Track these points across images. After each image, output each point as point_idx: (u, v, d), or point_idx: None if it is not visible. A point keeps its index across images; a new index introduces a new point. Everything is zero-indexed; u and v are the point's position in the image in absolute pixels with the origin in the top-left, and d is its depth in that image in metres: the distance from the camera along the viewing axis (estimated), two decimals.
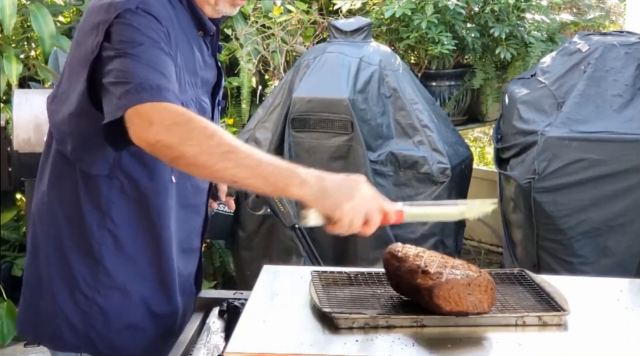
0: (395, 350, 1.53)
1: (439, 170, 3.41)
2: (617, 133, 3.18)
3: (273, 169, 1.54)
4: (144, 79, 1.59)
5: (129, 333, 1.89)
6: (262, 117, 3.70)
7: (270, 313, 1.70)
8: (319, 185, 1.55)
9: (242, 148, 1.54)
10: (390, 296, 1.76)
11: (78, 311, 1.85)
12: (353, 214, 1.58)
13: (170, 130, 1.53)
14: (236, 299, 1.87)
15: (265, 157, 1.56)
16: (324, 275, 1.86)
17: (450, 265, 1.66)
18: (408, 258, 1.71)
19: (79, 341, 1.87)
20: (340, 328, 1.59)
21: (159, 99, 1.57)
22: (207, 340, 1.72)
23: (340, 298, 1.73)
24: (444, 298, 1.60)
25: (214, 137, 1.53)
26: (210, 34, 1.92)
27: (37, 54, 4.58)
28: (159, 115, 1.55)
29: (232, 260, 4.17)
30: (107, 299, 1.85)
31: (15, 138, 3.65)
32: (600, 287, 1.93)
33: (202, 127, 1.55)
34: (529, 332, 1.63)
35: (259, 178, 1.53)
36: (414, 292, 1.66)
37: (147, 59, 1.64)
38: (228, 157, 1.53)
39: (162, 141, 1.54)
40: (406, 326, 1.61)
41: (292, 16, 4.33)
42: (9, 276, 4.25)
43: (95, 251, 1.84)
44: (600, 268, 3.14)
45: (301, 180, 1.54)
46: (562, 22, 4.31)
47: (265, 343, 1.56)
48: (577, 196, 3.19)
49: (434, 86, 4.12)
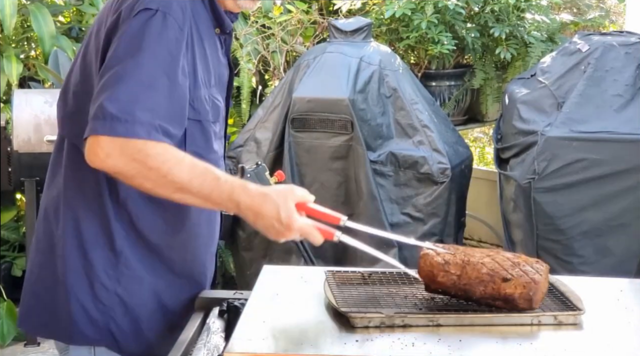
0: (395, 350, 1.53)
1: (439, 170, 3.41)
2: (617, 133, 3.18)
3: (219, 199, 1.72)
4: (123, 106, 1.65)
5: (149, 324, 1.89)
6: (262, 117, 3.70)
7: (270, 313, 1.70)
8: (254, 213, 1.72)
9: (195, 179, 1.69)
10: (405, 296, 1.76)
11: (97, 304, 1.85)
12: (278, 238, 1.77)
13: (128, 166, 1.66)
14: (236, 299, 1.87)
15: (214, 185, 1.71)
16: (338, 274, 1.85)
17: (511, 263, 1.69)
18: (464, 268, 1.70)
19: (98, 334, 1.86)
20: (357, 327, 1.59)
21: (130, 135, 1.64)
22: (207, 340, 1.71)
23: (355, 297, 1.72)
24: (536, 301, 1.67)
25: (171, 174, 1.67)
26: (227, 31, 1.92)
27: (37, 54, 4.58)
28: (120, 150, 1.65)
29: (232, 260, 4.17)
30: (128, 290, 1.86)
31: (15, 139, 3.65)
32: (600, 287, 1.93)
33: (157, 166, 1.66)
34: (545, 331, 1.63)
35: (210, 205, 1.77)
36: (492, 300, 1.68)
37: (139, 82, 1.67)
38: (182, 190, 1.70)
39: (120, 173, 1.69)
40: (422, 326, 1.61)
41: (292, 16, 4.33)
42: (9, 276, 4.25)
43: (116, 242, 1.84)
44: (600, 268, 3.14)
45: (240, 208, 1.72)
46: (562, 22, 4.31)
47: (265, 343, 1.56)
48: (577, 196, 3.19)
49: (434, 86, 4.12)
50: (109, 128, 1.64)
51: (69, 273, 1.86)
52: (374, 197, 3.42)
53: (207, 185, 1.70)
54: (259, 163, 2.21)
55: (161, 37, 1.70)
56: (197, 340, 1.74)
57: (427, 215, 3.45)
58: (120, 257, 1.84)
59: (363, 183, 3.43)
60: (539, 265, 1.71)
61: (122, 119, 1.64)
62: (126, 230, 1.84)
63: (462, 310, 1.68)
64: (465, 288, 1.68)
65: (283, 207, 1.72)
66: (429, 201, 3.44)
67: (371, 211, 3.42)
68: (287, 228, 1.73)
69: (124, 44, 1.70)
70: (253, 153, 3.68)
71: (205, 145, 1.85)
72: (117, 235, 1.84)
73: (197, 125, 1.82)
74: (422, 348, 1.53)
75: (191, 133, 1.80)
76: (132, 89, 1.66)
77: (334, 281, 1.81)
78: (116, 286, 1.85)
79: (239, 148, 3.72)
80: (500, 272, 1.67)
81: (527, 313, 1.66)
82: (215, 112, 1.86)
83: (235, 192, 1.71)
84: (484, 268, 1.68)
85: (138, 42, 1.68)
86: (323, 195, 3.52)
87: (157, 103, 1.68)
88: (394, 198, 3.48)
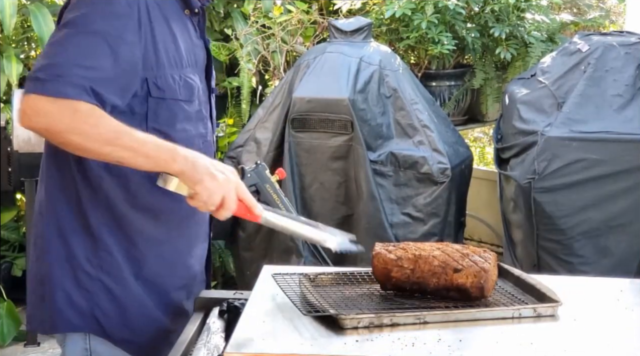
0: (395, 350, 1.53)
1: (439, 170, 3.41)
2: (617, 133, 3.18)
3: (155, 149, 1.73)
4: (57, 68, 1.69)
5: (135, 310, 1.90)
6: (262, 117, 3.70)
7: (270, 313, 1.70)
8: (192, 161, 1.73)
9: (125, 133, 1.71)
10: (380, 295, 1.79)
11: (81, 291, 1.87)
12: (211, 192, 1.73)
13: (55, 120, 1.68)
14: (236, 299, 1.87)
15: (149, 139, 1.73)
16: (310, 276, 1.86)
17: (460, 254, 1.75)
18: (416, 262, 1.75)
19: (83, 321, 1.88)
20: (346, 328, 1.59)
21: (60, 95, 1.68)
22: (207, 340, 1.72)
23: (335, 299, 1.74)
24: (488, 289, 1.72)
25: (99, 126, 1.70)
26: (195, 11, 1.94)
27: (37, 53, 4.58)
28: (49, 107, 1.68)
29: (232, 260, 4.17)
30: (111, 276, 1.87)
31: (15, 139, 3.65)
32: (600, 287, 1.93)
33: (85, 116, 1.69)
34: (543, 331, 1.64)
35: (142, 157, 1.73)
36: (445, 291, 1.73)
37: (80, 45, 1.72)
38: (112, 143, 1.70)
39: (48, 130, 1.71)
40: (409, 324, 1.63)
41: (292, 16, 4.33)
42: (9, 276, 4.25)
43: (94, 229, 1.86)
44: (600, 268, 3.14)
45: (178, 156, 1.73)
46: (562, 22, 4.31)
47: (265, 343, 1.56)
48: (577, 196, 3.19)
49: (434, 86, 4.12)
50: (41, 87, 1.68)
51: (53, 264, 1.88)
52: (374, 197, 3.42)
53: (140, 136, 1.74)
54: (259, 162, 2.21)
55: (105, 9, 1.75)
56: (197, 340, 1.74)
57: (427, 215, 3.45)
58: (100, 242, 1.86)
59: (363, 183, 3.43)
60: (487, 254, 1.77)
61: (53, 80, 1.68)
62: (102, 215, 1.86)
63: (425, 308, 1.71)
64: (419, 281, 1.74)
65: (218, 163, 1.78)
66: (429, 201, 3.43)
67: (371, 211, 3.42)
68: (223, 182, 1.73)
69: (70, 13, 1.76)
70: (253, 153, 3.67)
71: (169, 123, 1.87)
72: (94, 221, 1.86)
73: (161, 103, 1.84)
74: (423, 348, 1.53)
75: (153, 111, 1.83)
76: (69, 53, 1.71)
77: (309, 283, 1.82)
78: (99, 272, 1.87)
79: (239, 148, 3.72)
80: (451, 263, 1.73)
81: (508, 306, 1.71)
82: (188, 92, 1.88)
83: (170, 145, 1.74)
84: (436, 261, 1.74)
85: (83, 12, 1.74)
86: (323, 195, 3.53)
87: (94, 69, 1.71)
88: (394, 198, 3.48)
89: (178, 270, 1.98)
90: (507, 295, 1.80)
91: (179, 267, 1.98)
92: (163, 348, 1.88)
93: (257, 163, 2.20)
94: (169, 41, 1.85)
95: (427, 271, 1.73)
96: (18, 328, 3.91)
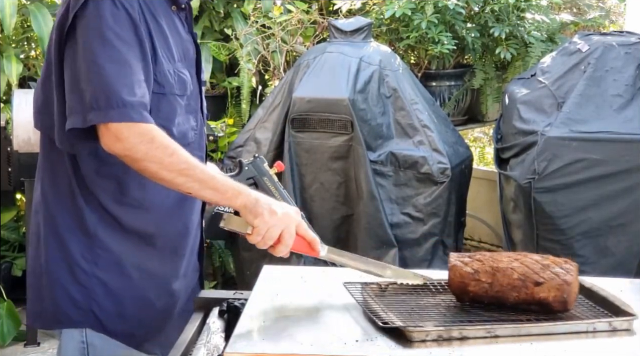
0: (396, 350, 1.53)
1: (439, 170, 3.41)
2: (617, 133, 3.18)
3: (222, 183, 1.79)
4: (110, 92, 1.72)
5: (132, 303, 1.93)
6: (262, 117, 3.70)
7: (270, 313, 1.70)
8: (255, 198, 1.79)
9: (196, 166, 1.78)
10: (447, 306, 1.73)
11: (79, 287, 1.90)
12: (269, 226, 1.76)
13: (135, 148, 1.73)
14: (236, 299, 1.87)
15: (216, 174, 1.82)
16: (371, 286, 1.81)
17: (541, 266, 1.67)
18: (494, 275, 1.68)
19: (82, 316, 1.91)
20: (413, 341, 1.53)
21: (126, 120, 1.73)
22: (207, 340, 1.72)
23: (399, 310, 1.68)
24: (570, 303, 1.65)
25: (173, 156, 1.75)
26: (182, 7, 1.97)
27: (37, 54, 4.58)
28: (126, 133, 1.73)
29: (232, 260, 4.17)
30: (107, 272, 1.90)
31: (15, 139, 3.65)
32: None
33: (163, 146, 1.75)
34: (601, 338, 1.59)
35: (210, 190, 1.79)
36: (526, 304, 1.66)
37: (115, 62, 1.74)
38: (185, 173, 1.76)
39: (129, 156, 1.75)
40: (479, 337, 1.56)
41: (292, 16, 4.33)
42: (9, 276, 4.25)
43: (88, 226, 1.88)
44: (600, 268, 3.13)
45: (243, 191, 1.79)
46: (562, 22, 4.31)
47: (265, 343, 1.56)
48: (577, 196, 3.19)
49: (434, 86, 4.12)
50: (109, 116, 1.72)
51: (50, 261, 1.91)
52: (374, 197, 3.42)
53: (208, 170, 1.80)
54: (257, 155, 2.20)
55: (116, 19, 1.76)
56: (197, 340, 1.74)
57: (427, 215, 3.45)
58: (95, 239, 1.89)
59: (363, 183, 3.43)
60: (569, 265, 1.70)
61: (119, 105, 1.72)
62: (97, 213, 1.89)
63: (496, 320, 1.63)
64: (497, 296, 1.67)
65: (281, 202, 1.83)
66: (429, 201, 3.44)
67: (371, 211, 3.42)
68: (282, 216, 1.76)
69: (84, 36, 1.76)
70: (253, 153, 3.67)
71: (169, 118, 1.89)
72: (89, 218, 1.88)
73: (162, 98, 1.87)
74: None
75: (156, 106, 1.85)
76: (111, 75, 1.73)
77: (371, 293, 1.77)
78: (94, 268, 1.90)
79: (239, 148, 3.72)
80: (532, 276, 1.65)
81: (583, 320, 1.63)
82: (181, 86, 1.91)
83: (236, 183, 1.81)
84: (515, 274, 1.66)
85: (98, 30, 1.75)
86: (323, 195, 3.53)
87: (137, 84, 1.75)
88: (394, 198, 3.47)
89: (172, 260, 2.00)
90: (580, 308, 1.72)
91: (174, 257, 2.01)
92: (157, 337, 1.95)
93: (255, 157, 2.19)
94: (161, 38, 1.88)
95: (507, 285, 1.65)
96: (18, 328, 3.91)
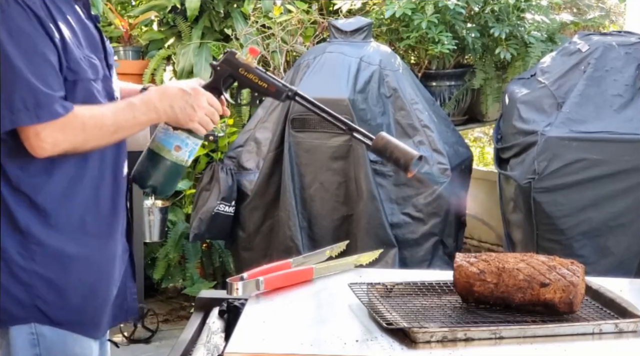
0: (396, 350, 1.53)
1: (439, 170, 3.41)
2: (617, 133, 3.18)
3: (138, 108, 1.95)
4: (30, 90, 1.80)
5: (74, 294, 1.95)
6: (262, 117, 3.70)
7: (270, 313, 1.70)
8: (159, 95, 1.97)
9: (120, 121, 1.92)
10: (453, 307, 1.73)
11: (19, 285, 1.91)
12: (181, 105, 1.98)
13: (68, 142, 1.85)
14: (236, 299, 1.87)
15: (133, 112, 1.94)
16: (376, 287, 1.81)
17: (547, 267, 1.67)
18: (500, 275, 1.68)
19: (27, 313, 1.93)
20: (418, 342, 1.54)
21: (52, 118, 1.82)
22: (207, 340, 1.72)
23: (403, 311, 1.68)
24: (576, 304, 1.66)
25: (103, 127, 1.90)
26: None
27: None
28: (59, 135, 1.83)
29: (232, 260, 4.17)
30: (45, 265, 1.92)
31: None
32: None
33: (91, 124, 1.87)
34: (607, 340, 1.59)
35: (139, 127, 1.97)
36: (532, 306, 1.66)
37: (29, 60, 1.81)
38: (116, 132, 1.93)
39: (66, 150, 1.86)
40: (484, 339, 1.56)
41: (292, 16, 4.33)
42: None
43: (20, 224, 1.90)
44: (600, 268, 3.13)
45: (152, 104, 1.96)
46: (562, 22, 4.31)
47: (265, 343, 1.56)
48: (577, 196, 3.19)
49: (434, 86, 4.12)
50: (36, 116, 1.80)
51: None
52: (374, 197, 3.42)
53: (128, 112, 1.94)
54: (226, 50, 2.12)
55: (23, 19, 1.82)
56: (197, 340, 1.74)
57: (427, 215, 3.45)
58: (29, 236, 1.91)
59: (363, 183, 3.43)
60: (575, 266, 1.70)
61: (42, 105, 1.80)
62: (26, 211, 1.91)
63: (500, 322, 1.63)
64: (503, 296, 1.67)
65: (184, 84, 2.00)
66: (429, 201, 3.44)
67: (371, 211, 3.42)
68: (194, 95, 1.97)
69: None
70: (253, 153, 3.68)
71: (86, 103, 1.93)
72: (19, 217, 1.90)
73: (79, 85, 1.92)
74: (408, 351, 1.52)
75: (72, 93, 1.90)
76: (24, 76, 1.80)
77: (376, 293, 1.77)
78: (32, 264, 1.91)
79: (239, 148, 3.72)
80: (538, 277, 1.66)
81: (588, 321, 1.63)
82: (94, 70, 1.97)
83: (145, 96, 1.96)
84: (521, 274, 1.66)
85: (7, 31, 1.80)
86: (323, 195, 3.53)
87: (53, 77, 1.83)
88: (394, 198, 3.47)
89: (107, 243, 2.02)
90: (586, 309, 1.72)
91: (108, 240, 2.03)
92: (101, 321, 2.00)
93: (224, 52, 2.10)
94: (67, 26, 1.92)
95: (512, 286, 1.66)
96: None
